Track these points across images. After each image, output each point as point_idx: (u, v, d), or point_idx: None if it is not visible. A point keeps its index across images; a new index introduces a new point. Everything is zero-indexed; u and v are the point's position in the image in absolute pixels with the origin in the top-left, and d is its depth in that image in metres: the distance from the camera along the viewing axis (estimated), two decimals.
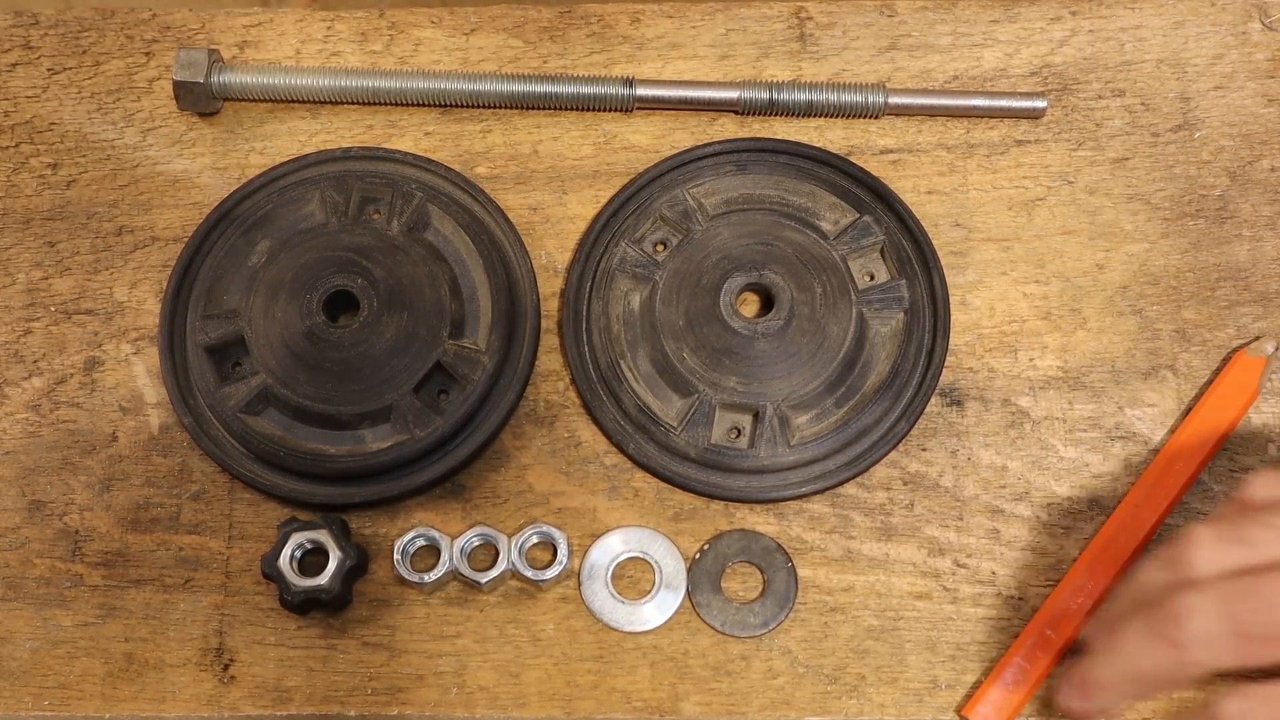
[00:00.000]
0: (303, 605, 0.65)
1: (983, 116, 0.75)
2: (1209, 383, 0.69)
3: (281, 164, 0.73)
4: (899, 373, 0.68)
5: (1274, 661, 0.48)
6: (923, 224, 0.71)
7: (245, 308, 0.68)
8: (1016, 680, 0.64)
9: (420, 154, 0.73)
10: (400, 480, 0.67)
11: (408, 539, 0.66)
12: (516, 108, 0.75)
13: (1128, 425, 0.69)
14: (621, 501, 0.69)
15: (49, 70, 0.77)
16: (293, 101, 0.75)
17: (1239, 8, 0.76)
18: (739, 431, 0.68)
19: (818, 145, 0.73)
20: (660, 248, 0.72)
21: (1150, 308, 0.71)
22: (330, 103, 0.76)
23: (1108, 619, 0.53)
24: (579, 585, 0.67)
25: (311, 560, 0.66)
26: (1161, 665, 0.49)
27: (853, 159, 0.73)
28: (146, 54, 0.77)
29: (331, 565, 0.65)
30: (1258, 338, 0.70)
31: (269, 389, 0.66)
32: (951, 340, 0.70)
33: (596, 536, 0.68)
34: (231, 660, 0.67)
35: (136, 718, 0.66)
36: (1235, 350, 0.70)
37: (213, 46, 0.76)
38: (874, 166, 0.73)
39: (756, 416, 0.68)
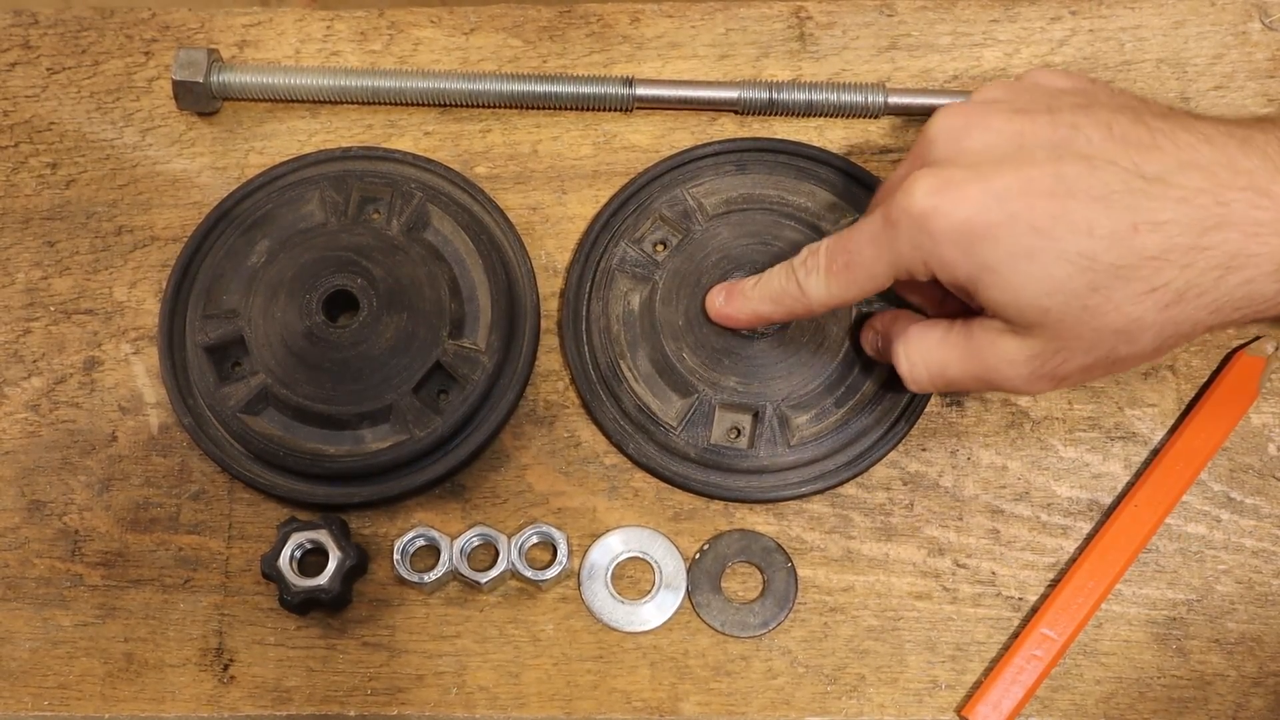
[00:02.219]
0: (303, 605, 0.65)
1: None
2: (1209, 383, 0.69)
3: (281, 164, 0.73)
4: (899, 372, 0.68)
5: (860, 292, 0.59)
6: None
7: (245, 308, 0.68)
8: (1016, 680, 0.64)
9: (420, 154, 0.73)
10: (400, 480, 0.67)
11: (408, 539, 0.66)
12: (516, 107, 0.75)
13: (1128, 425, 0.69)
14: (621, 501, 0.69)
15: (48, 70, 0.77)
16: (292, 101, 0.75)
17: (1239, 8, 0.76)
18: (739, 431, 0.68)
19: (818, 145, 0.73)
20: (660, 247, 0.72)
21: None
22: (330, 102, 0.76)
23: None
24: (579, 585, 0.67)
25: (311, 560, 0.66)
26: (786, 289, 0.62)
27: (853, 159, 0.73)
28: (146, 54, 0.77)
29: (331, 565, 0.65)
30: (1258, 337, 0.70)
31: (269, 389, 0.66)
32: None
33: (596, 536, 0.68)
34: (231, 660, 0.67)
35: (136, 718, 0.66)
36: (1235, 350, 0.70)
37: (212, 46, 0.76)
38: (874, 166, 0.73)
39: (756, 416, 0.68)
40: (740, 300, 0.65)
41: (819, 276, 0.60)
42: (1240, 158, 0.52)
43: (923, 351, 0.60)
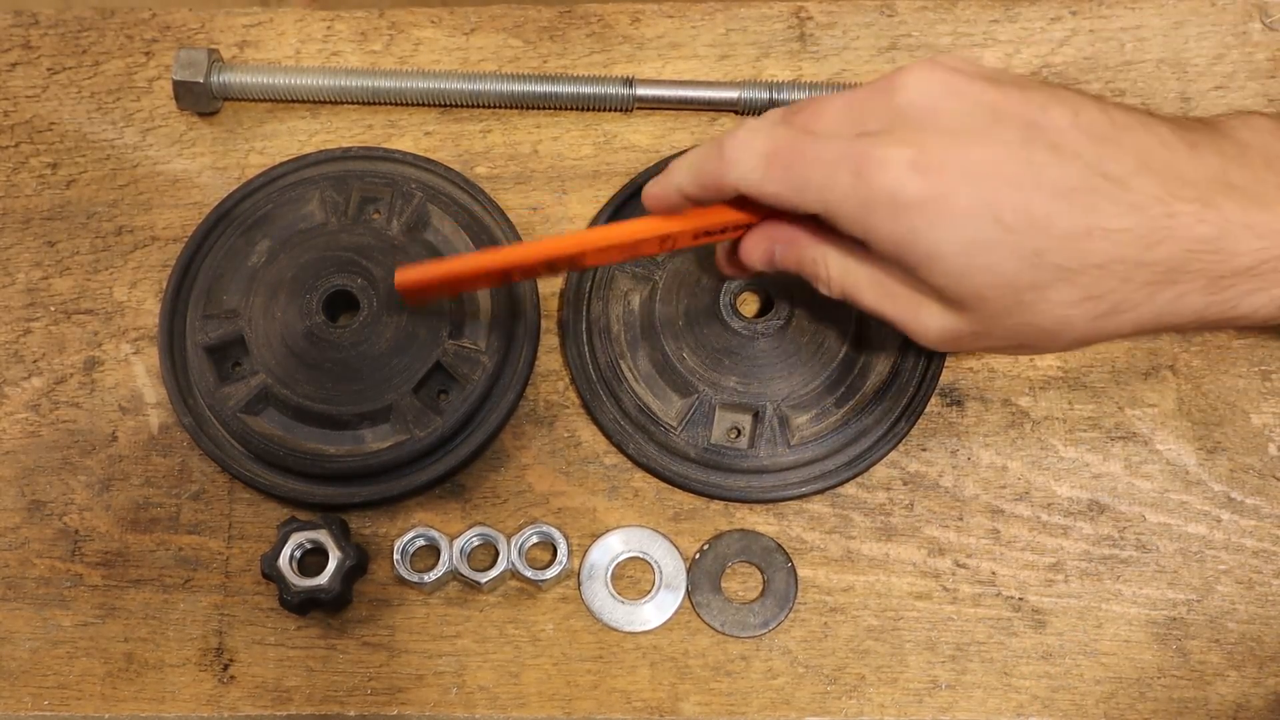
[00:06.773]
0: (303, 605, 0.65)
1: None
2: None
3: (281, 164, 0.73)
4: (899, 372, 0.68)
5: (779, 203, 0.54)
6: None
7: (245, 308, 0.68)
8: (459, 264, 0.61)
9: (420, 154, 0.73)
10: (400, 480, 0.67)
11: (408, 539, 0.66)
12: (516, 108, 0.75)
13: (1128, 425, 0.69)
14: (621, 501, 0.69)
15: (49, 70, 0.77)
16: (293, 101, 0.75)
17: (1239, 8, 0.76)
18: (739, 431, 0.68)
19: None
20: None
21: None
22: (330, 103, 0.76)
23: None
24: (579, 585, 0.67)
25: (311, 560, 0.66)
26: (710, 162, 0.56)
27: None
28: (146, 54, 0.77)
29: (331, 565, 0.65)
30: None
31: (269, 389, 0.66)
32: None
33: (596, 536, 0.68)
34: (231, 660, 0.67)
35: (136, 718, 0.66)
36: None
37: (212, 46, 0.76)
38: None
39: (756, 416, 0.68)
40: (664, 176, 0.59)
41: (754, 162, 0.54)
42: (1189, 167, 0.51)
43: (843, 267, 0.56)
